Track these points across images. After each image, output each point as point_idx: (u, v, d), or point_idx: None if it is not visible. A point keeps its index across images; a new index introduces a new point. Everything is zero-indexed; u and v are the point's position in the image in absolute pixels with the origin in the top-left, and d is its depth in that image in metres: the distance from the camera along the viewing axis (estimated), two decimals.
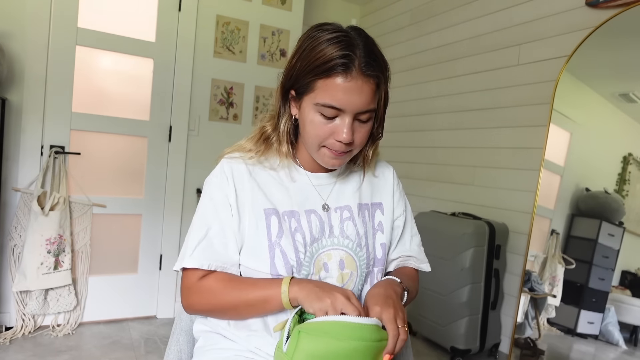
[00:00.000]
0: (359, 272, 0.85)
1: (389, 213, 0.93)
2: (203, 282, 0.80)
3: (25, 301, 2.19)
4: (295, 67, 0.79)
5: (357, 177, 0.93)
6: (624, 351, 1.75)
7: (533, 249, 2.10)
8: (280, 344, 0.70)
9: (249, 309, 0.78)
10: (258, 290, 0.77)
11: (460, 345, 2.14)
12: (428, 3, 2.89)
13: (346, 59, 0.73)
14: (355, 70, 0.74)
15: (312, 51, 0.76)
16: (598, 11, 1.90)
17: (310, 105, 0.78)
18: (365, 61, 0.74)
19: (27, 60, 2.19)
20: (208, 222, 0.82)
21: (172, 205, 2.58)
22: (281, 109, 0.86)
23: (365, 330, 0.68)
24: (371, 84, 0.76)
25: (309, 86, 0.77)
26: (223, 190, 0.83)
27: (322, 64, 0.74)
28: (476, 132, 2.49)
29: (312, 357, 0.66)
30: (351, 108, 0.75)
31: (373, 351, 0.68)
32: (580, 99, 2.02)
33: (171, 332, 0.97)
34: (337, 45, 0.74)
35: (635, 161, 1.79)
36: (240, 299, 0.78)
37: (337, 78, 0.74)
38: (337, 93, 0.74)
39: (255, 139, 0.89)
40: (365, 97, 0.75)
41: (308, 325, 0.68)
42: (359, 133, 0.79)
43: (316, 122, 0.78)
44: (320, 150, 0.81)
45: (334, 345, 0.66)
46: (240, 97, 2.75)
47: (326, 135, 0.78)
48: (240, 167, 0.86)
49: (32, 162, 2.23)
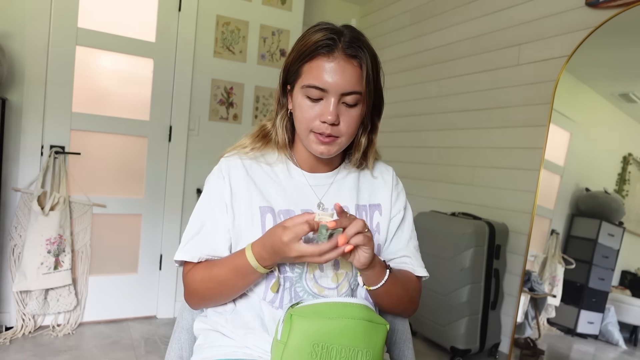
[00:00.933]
0: (354, 272, 0.85)
1: (386, 213, 0.92)
2: (188, 277, 0.85)
3: (25, 301, 2.19)
4: (288, 59, 0.83)
5: (355, 178, 0.93)
6: (623, 351, 1.75)
7: (533, 249, 2.10)
8: (276, 336, 0.72)
9: (229, 287, 0.81)
10: (229, 265, 0.80)
11: (460, 345, 2.14)
12: (428, 3, 2.89)
13: (330, 40, 0.77)
14: (337, 51, 0.77)
15: (301, 41, 0.80)
16: (598, 11, 1.90)
17: (298, 90, 0.81)
18: (348, 44, 0.77)
19: (27, 60, 2.19)
20: (203, 218, 0.85)
21: (172, 205, 2.58)
22: (279, 103, 0.89)
23: (354, 308, 0.71)
24: (354, 65, 0.78)
25: (297, 72, 0.81)
26: (219, 188, 0.86)
27: (307, 48, 0.78)
28: (476, 132, 2.49)
29: (307, 336, 0.68)
30: (334, 88, 0.77)
31: (364, 328, 0.71)
32: (580, 99, 2.02)
33: (173, 330, 0.98)
34: (323, 32, 0.77)
35: (635, 161, 1.79)
36: (218, 281, 0.81)
37: (320, 59, 0.77)
38: (320, 73, 0.77)
39: (255, 135, 0.92)
40: (349, 78, 0.77)
41: (299, 308, 0.71)
42: (346, 117, 0.80)
43: (303, 106, 0.80)
44: (309, 136, 0.82)
45: (326, 324, 0.69)
46: (240, 97, 2.75)
47: (312, 118, 0.80)
48: (237, 165, 0.88)
49: (32, 162, 2.23)
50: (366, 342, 0.71)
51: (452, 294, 2.17)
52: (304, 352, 0.68)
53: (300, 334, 0.69)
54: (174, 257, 0.86)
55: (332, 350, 0.69)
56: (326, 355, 0.68)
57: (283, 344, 0.69)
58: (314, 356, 0.68)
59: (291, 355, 0.68)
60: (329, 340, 0.69)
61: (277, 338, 0.71)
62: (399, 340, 1.02)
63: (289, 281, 0.82)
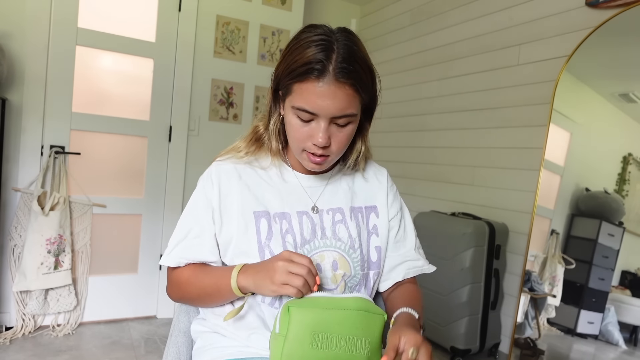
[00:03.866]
0: (353, 273, 0.85)
1: (383, 215, 0.92)
2: (174, 273, 0.87)
3: (25, 301, 2.19)
4: (279, 68, 0.80)
5: (349, 180, 0.93)
6: (623, 351, 1.75)
7: (533, 249, 2.10)
8: (274, 330, 0.72)
9: (208, 297, 0.83)
10: (213, 279, 0.81)
11: (460, 345, 2.14)
12: (428, 3, 2.88)
13: (320, 64, 0.72)
14: (328, 76, 0.72)
15: (292, 54, 0.76)
16: (598, 11, 1.90)
17: (289, 108, 0.79)
18: (340, 67, 0.72)
19: (27, 60, 2.19)
20: (189, 224, 0.86)
21: (172, 205, 2.58)
22: (272, 107, 0.86)
23: (350, 301, 0.72)
24: (346, 89, 0.74)
25: (288, 89, 0.78)
26: (207, 194, 0.85)
27: (298, 67, 0.74)
28: (476, 132, 2.49)
29: (307, 326, 0.68)
30: (325, 113, 0.75)
31: (361, 318, 0.71)
32: (580, 99, 2.02)
33: (169, 334, 0.97)
34: (314, 49, 0.73)
35: (635, 161, 1.79)
36: (200, 288, 0.83)
37: (310, 83, 0.73)
38: (310, 97, 0.74)
39: (248, 138, 0.91)
40: (340, 103, 0.74)
41: (296, 300, 0.71)
42: (337, 137, 0.79)
43: (294, 125, 0.79)
44: (301, 154, 0.82)
45: (324, 314, 0.69)
46: (240, 97, 2.75)
47: (304, 138, 0.79)
48: (229, 170, 0.87)
49: (32, 162, 2.23)
50: (365, 331, 0.71)
51: (452, 294, 2.17)
52: (305, 342, 0.68)
53: (299, 324, 0.68)
54: (160, 261, 0.88)
55: (332, 340, 0.69)
56: (327, 345, 0.68)
57: (283, 336, 0.69)
58: (315, 346, 0.68)
59: (292, 346, 0.68)
60: (329, 330, 0.69)
61: (276, 331, 0.71)
62: None
63: None
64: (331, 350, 0.68)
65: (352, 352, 0.69)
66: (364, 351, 0.70)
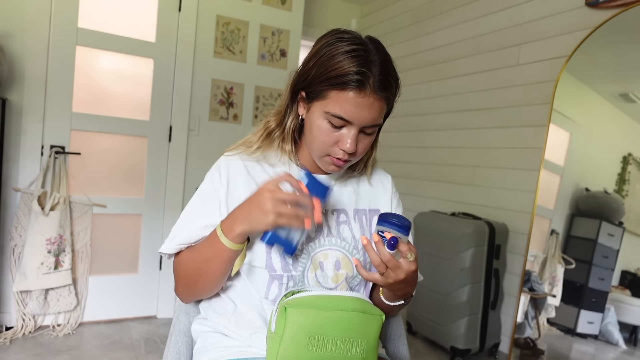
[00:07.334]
0: (355, 273, 0.86)
1: None
2: (175, 260, 0.87)
3: (25, 301, 2.20)
4: (311, 72, 0.79)
5: (355, 183, 0.94)
6: (623, 351, 1.75)
7: (533, 249, 2.10)
8: (270, 328, 0.73)
9: (208, 263, 0.80)
10: (206, 241, 0.80)
11: (460, 345, 2.14)
12: (428, 3, 2.89)
13: (362, 75, 0.74)
14: (369, 88, 0.75)
15: (330, 60, 0.76)
16: (598, 11, 1.90)
17: (320, 112, 0.79)
18: (379, 80, 0.75)
19: (27, 60, 2.19)
20: (195, 214, 0.85)
21: (172, 206, 2.58)
22: (288, 107, 0.87)
23: (347, 301, 0.72)
24: (382, 102, 0.78)
25: (321, 93, 0.78)
26: (214, 185, 0.85)
27: (338, 76, 0.75)
28: (476, 132, 2.49)
29: (302, 328, 0.69)
30: (359, 122, 0.77)
31: (358, 320, 0.71)
32: (580, 99, 2.02)
33: (169, 334, 0.97)
34: (354, 60, 0.75)
35: (635, 161, 1.79)
36: (197, 259, 0.81)
37: (350, 92, 0.75)
38: (348, 106, 0.76)
39: (259, 134, 0.90)
40: (375, 114, 0.77)
41: (292, 300, 0.71)
42: (362, 144, 0.81)
43: (323, 129, 0.79)
44: (324, 157, 0.83)
45: (320, 315, 0.70)
46: (241, 97, 2.75)
47: (331, 143, 0.80)
48: (238, 166, 0.87)
49: (32, 162, 2.23)
50: (360, 333, 0.71)
51: (452, 294, 2.17)
52: (301, 344, 0.69)
53: (295, 326, 0.69)
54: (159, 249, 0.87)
55: (328, 342, 0.69)
56: (322, 347, 0.69)
57: (279, 336, 0.70)
58: (310, 348, 0.69)
59: (288, 347, 0.69)
60: (324, 332, 0.69)
61: (272, 330, 0.72)
62: (393, 336, 1.03)
63: (292, 280, 0.82)
64: (326, 352, 0.69)
65: (347, 353, 0.70)
66: (359, 353, 0.71)
